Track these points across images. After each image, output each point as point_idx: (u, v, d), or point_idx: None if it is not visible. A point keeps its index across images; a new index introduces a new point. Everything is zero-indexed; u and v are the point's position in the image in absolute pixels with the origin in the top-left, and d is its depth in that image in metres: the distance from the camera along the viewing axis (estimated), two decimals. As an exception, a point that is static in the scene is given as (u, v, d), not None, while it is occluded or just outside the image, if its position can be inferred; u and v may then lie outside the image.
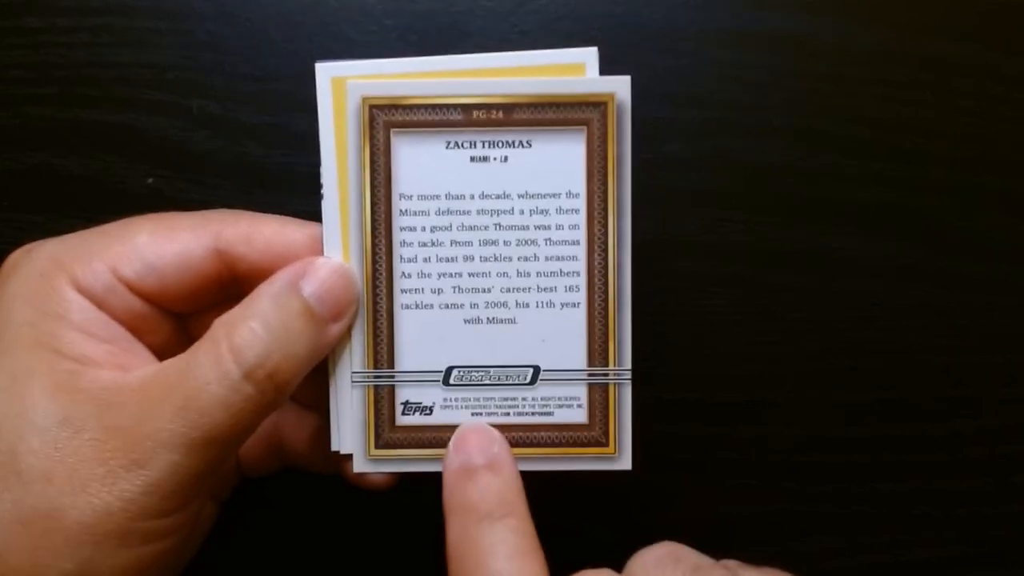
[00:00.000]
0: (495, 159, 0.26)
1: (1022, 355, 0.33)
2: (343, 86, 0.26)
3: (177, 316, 0.26)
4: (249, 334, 0.23)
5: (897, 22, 0.32)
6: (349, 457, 0.27)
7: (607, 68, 0.26)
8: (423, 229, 0.26)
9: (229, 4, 0.31)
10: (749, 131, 0.32)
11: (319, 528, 0.33)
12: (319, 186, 0.26)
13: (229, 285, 0.26)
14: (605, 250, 0.26)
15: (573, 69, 0.26)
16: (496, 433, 0.26)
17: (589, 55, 0.26)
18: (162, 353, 0.25)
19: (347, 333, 0.26)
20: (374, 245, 0.26)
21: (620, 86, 0.26)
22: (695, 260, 0.32)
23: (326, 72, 0.26)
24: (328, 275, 0.25)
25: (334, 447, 0.26)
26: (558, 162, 0.26)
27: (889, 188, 0.33)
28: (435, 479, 0.26)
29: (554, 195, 0.26)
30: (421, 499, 0.32)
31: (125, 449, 0.22)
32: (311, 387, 0.27)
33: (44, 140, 0.31)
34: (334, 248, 0.26)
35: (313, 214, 0.27)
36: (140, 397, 0.23)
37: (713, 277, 0.32)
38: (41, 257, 0.25)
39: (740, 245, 0.32)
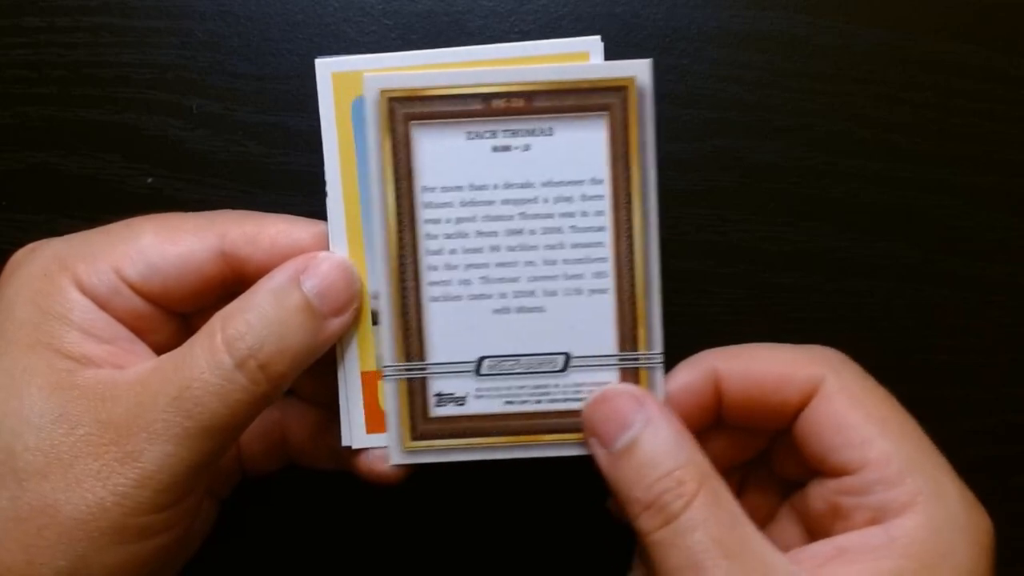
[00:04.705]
0: (517, 148, 0.26)
1: (1022, 355, 0.33)
2: (343, 81, 0.26)
3: (180, 316, 0.26)
4: (243, 325, 0.23)
5: (897, 22, 0.32)
6: (358, 452, 0.27)
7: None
8: (448, 221, 0.26)
9: (229, 4, 0.31)
10: (749, 131, 0.32)
11: (318, 527, 0.33)
12: (319, 185, 0.26)
13: (233, 285, 0.26)
14: (631, 235, 0.26)
15: (577, 58, 0.26)
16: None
17: (593, 44, 0.26)
18: (164, 352, 0.25)
19: (352, 327, 0.26)
20: (400, 239, 0.26)
21: (640, 70, 0.25)
22: (695, 260, 0.32)
23: (326, 68, 0.26)
24: (329, 270, 0.25)
25: (345, 442, 0.26)
26: (580, 149, 0.26)
27: (889, 188, 0.33)
28: (436, 474, 0.26)
29: (577, 182, 0.26)
30: (421, 496, 0.32)
31: (119, 442, 0.22)
32: (315, 381, 0.27)
33: (44, 140, 0.31)
34: (339, 245, 0.26)
35: (313, 213, 0.27)
36: (136, 390, 0.23)
37: (713, 277, 0.32)
38: (45, 256, 0.25)
39: (740, 245, 0.32)
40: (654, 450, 0.24)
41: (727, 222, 0.32)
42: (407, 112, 0.25)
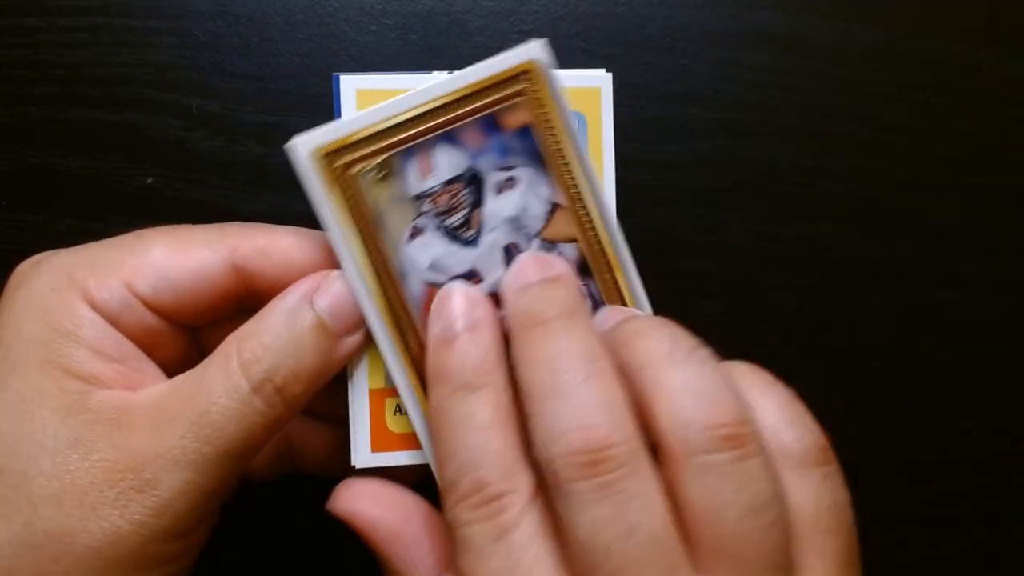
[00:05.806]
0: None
1: (1022, 355, 0.33)
2: (367, 98, 0.25)
3: (188, 330, 0.26)
4: (259, 348, 0.23)
5: (897, 22, 0.32)
6: (366, 471, 0.26)
7: (605, 67, 0.26)
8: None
9: (229, 4, 0.31)
10: (749, 131, 0.32)
11: (317, 529, 0.33)
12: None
13: (245, 298, 0.25)
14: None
15: (589, 92, 0.26)
16: (479, 296, 0.24)
17: (603, 79, 0.25)
18: (172, 366, 0.25)
19: (363, 346, 0.25)
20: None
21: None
22: (695, 260, 0.32)
23: (351, 84, 0.25)
24: (342, 288, 0.24)
25: (354, 462, 0.26)
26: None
27: (889, 188, 0.33)
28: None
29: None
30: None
31: (136, 469, 0.22)
32: (324, 399, 0.26)
33: (44, 140, 0.31)
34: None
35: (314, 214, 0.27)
36: (152, 415, 0.22)
37: (713, 277, 0.32)
38: (52, 270, 0.24)
39: (740, 245, 0.32)
40: None
41: (727, 222, 0.32)
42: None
